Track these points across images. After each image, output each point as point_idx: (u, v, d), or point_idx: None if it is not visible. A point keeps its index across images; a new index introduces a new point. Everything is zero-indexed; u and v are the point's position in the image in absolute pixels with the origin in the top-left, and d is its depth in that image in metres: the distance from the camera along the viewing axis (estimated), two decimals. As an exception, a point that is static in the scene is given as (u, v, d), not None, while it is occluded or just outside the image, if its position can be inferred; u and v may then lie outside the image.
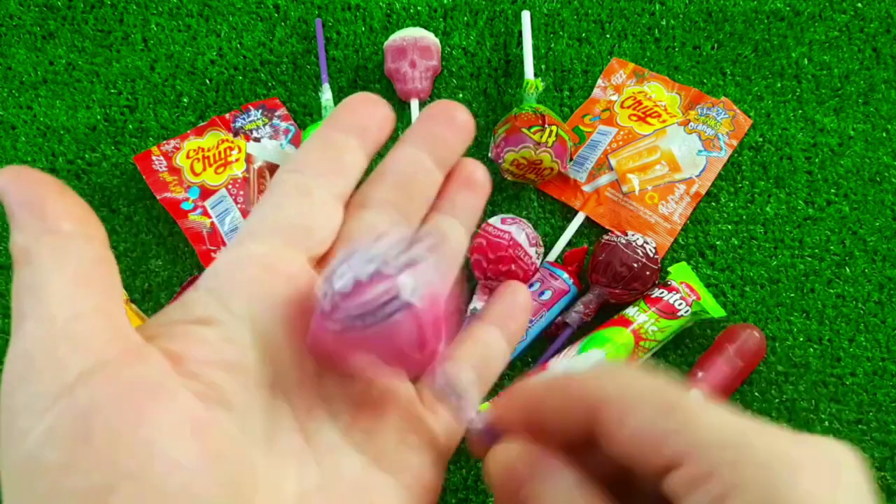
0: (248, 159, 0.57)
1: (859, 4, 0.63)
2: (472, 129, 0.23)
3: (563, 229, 0.56)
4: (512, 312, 0.25)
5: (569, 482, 0.18)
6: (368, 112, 0.22)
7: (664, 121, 0.58)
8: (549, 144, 0.53)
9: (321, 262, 0.21)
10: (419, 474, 0.20)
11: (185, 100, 0.60)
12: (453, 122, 0.23)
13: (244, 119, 0.59)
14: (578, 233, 0.56)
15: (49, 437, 0.15)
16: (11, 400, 0.15)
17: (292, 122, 0.59)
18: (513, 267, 0.51)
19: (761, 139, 0.59)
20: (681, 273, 0.53)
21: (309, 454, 0.19)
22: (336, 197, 0.21)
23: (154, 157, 0.57)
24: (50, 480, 0.15)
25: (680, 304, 0.51)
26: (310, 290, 0.20)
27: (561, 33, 0.62)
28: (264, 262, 0.20)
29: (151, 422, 0.15)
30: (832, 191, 0.58)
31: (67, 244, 0.17)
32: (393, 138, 0.23)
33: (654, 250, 0.52)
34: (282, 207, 0.21)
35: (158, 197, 0.55)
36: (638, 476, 0.17)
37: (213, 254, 0.54)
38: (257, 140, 0.58)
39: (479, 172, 0.24)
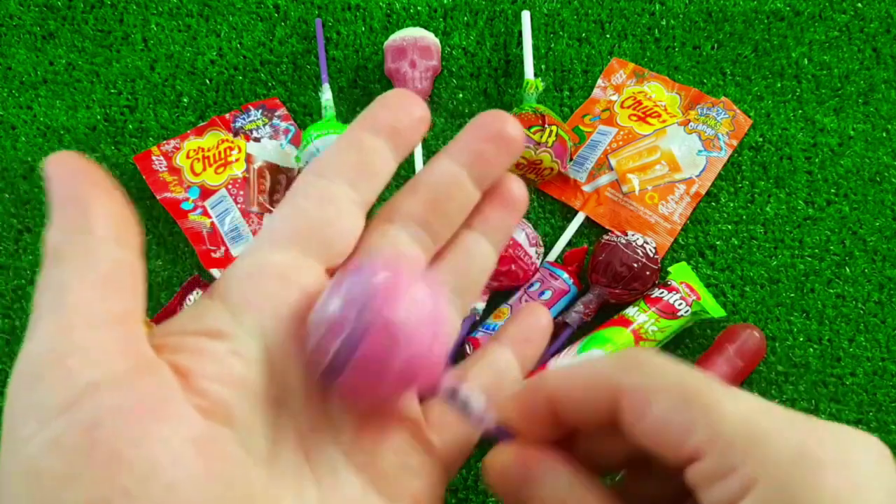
0: (248, 159, 0.57)
1: (859, 4, 0.63)
2: (522, 143, 0.22)
3: (563, 229, 0.56)
4: (530, 336, 0.24)
5: (564, 480, 0.18)
6: (403, 111, 0.21)
7: (664, 121, 0.58)
8: (549, 144, 0.53)
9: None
10: (418, 499, 0.20)
11: (185, 100, 0.60)
12: (501, 136, 0.21)
13: (244, 119, 0.59)
14: (578, 233, 0.56)
15: (51, 447, 0.15)
16: (17, 403, 0.15)
17: (292, 122, 0.59)
18: (513, 267, 0.51)
19: (761, 139, 0.59)
20: (681, 273, 0.53)
21: (308, 473, 0.19)
22: (359, 205, 0.21)
23: (154, 157, 0.57)
24: (47, 491, 0.15)
25: (680, 304, 0.51)
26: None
27: (561, 33, 0.62)
28: (281, 273, 0.19)
29: (155, 440, 0.15)
30: (832, 191, 0.58)
31: (99, 248, 0.17)
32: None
33: (654, 250, 0.52)
34: (303, 213, 0.20)
35: (158, 197, 0.55)
36: (660, 461, 0.17)
37: (213, 254, 0.54)
38: (257, 140, 0.58)
39: (517, 190, 0.23)
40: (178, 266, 0.55)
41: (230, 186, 0.56)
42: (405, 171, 0.57)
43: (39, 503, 0.15)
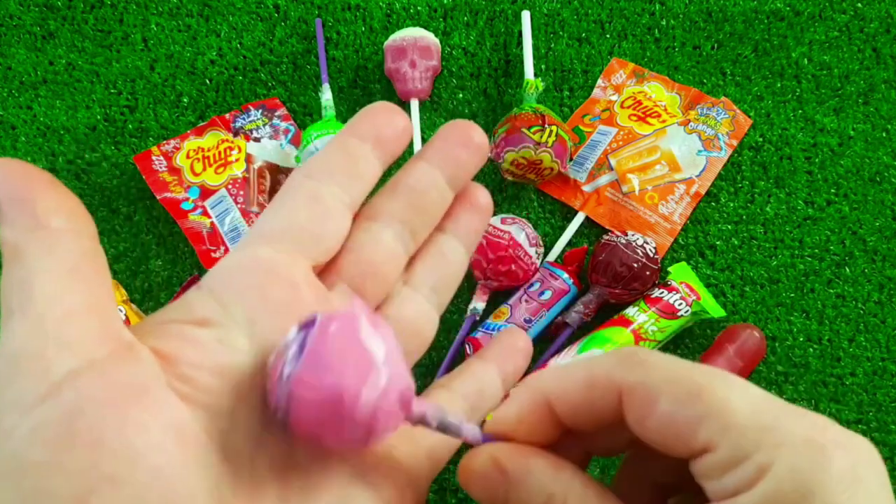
0: (248, 159, 0.57)
1: (859, 4, 0.63)
2: (487, 150, 0.23)
3: (563, 229, 0.56)
4: (510, 356, 0.25)
5: (551, 477, 0.18)
6: (387, 122, 0.22)
7: (664, 121, 0.58)
8: (549, 144, 0.53)
9: (325, 269, 0.22)
10: (402, 491, 0.20)
11: (185, 100, 0.60)
12: (469, 142, 0.23)
13: (244, 119, 0.59)
14: (578, 233, 0.56)
15: (34, 436, 0.15)
16: None
17: (292, 122, 0.59)
18: (513, 267, 0.51)
19: (761, 139, 0.59)
20: (681, 273, 0.53)
21: (295, 461, 0.19)
22: (346, 205, 0.21)
23: (154, 157, 0.57)
24: (32, 480, 0.15)
25: (680, 304, 0.51)
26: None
27: (561, 33, 0.62)
28: (268, 267, 0.20)
29: (136, 426, 0.15)
30: (832, 191, 0.58)
31: (57, 240, 0.17)
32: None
33: (654, 250, 0.52)
34: (292, 211, 0.21)
35: (158, 197, 0.55)
36: (664, 454, 0.17)
37: (213, 254, 0.54)
38: (257, 140, 0.58)
39: (483, 198, 0.24)
40: (178, 266, 0.55)
41: (230, 186, 0.56)
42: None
43: (23, 495, 0.15)
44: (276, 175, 0.57)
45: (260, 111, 0.59)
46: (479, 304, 0.53)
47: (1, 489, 0.15)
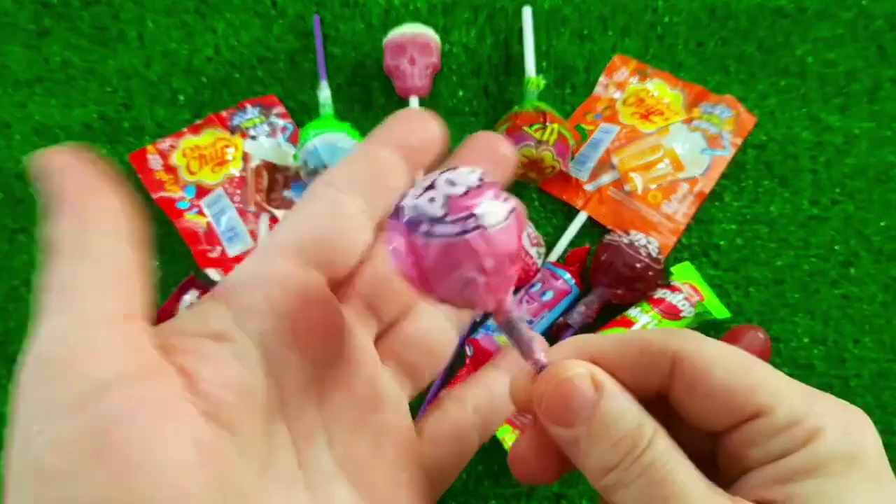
0: (245, 158, 0.56)
1: (864, 2, 0.62)
2: (513, 163, 0.23)
3: (564, 229, 0.55)
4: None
5: (637, 404, 0.18)
6: (417, 129, 0.21)
7: (667, 119, 0.58)
8: (551, 143, 0.52)
9: (343, 283, 0.21)
10: None
11: (181, 97, 0.59)
12: (495, 154, 0.22)
13: (241, 117, 0.58)
14: (580, 232, 0.55)
15: (60, 446, 0.15)
16: (27, 402, 0.15)
17: (290, 119, 0.58)
18: (514, 267, 0.51)
19: (766, 137, 0.58)
20: (684, 273, 0.52)
21: (301, 480, 0.19)
22: (369, 217, 0.21)
23: (150, 156, 0.56)
24: (55, 490, 0.14)
25: (683, 305, 0.50)
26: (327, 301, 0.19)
27: (563, 30, 0.62)
28: (284, 282, 0.19)
29: (161, 443, 0.15)
30: (837, 190, 0.57)
31: (103, 245, 0.17)
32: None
33: (657, 250, 0.51)
34: (311, 223, 0.20)
35: (154, 196, 0.55)
36: (690, 431, 0.18)
37: (209, 254, 0.53)
38: (254, 138, 0.57)
39: None
40: (174, 266, 0.54)
41: (227, 185, 0.55)
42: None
43: (43, 503, 0.14)
44: (274, 174, 0.56)
45: (257, 109, 0.58)
46: (479, 304, 0.52)
47: (22, 494, 0.15)
